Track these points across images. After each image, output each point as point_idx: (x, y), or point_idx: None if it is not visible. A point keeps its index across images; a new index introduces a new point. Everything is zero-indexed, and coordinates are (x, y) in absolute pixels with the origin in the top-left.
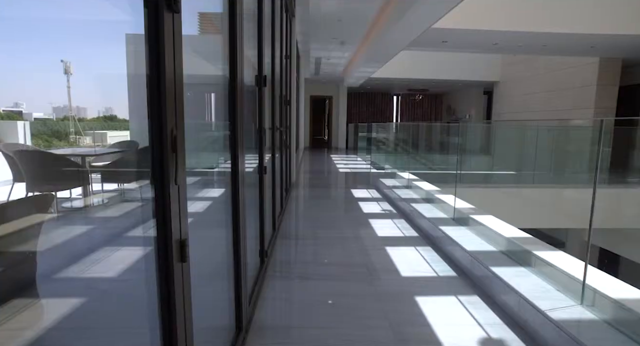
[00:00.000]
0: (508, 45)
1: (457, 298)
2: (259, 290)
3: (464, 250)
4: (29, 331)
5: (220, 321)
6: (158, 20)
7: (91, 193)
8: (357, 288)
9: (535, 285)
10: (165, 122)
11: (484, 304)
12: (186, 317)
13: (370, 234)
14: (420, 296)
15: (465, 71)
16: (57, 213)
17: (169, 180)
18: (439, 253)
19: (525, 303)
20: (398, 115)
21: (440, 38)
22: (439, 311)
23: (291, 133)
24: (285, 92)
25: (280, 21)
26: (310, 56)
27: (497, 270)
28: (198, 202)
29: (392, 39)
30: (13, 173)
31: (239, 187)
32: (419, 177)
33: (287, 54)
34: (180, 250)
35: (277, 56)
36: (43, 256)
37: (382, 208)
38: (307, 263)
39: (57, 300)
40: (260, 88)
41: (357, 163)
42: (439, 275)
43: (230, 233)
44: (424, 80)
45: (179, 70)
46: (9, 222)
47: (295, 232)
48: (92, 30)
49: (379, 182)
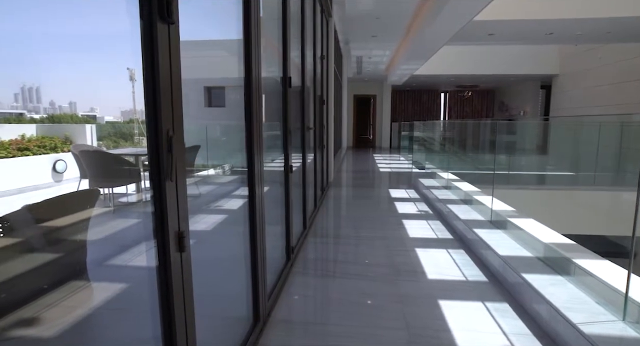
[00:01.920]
0: (565, 34)
1: (484, 304)
2: (282, 285)
3: (497, 254)
4: (80, 309)
5: (238, 311)
6: (152, 31)
7: (143, 190)
8: (380, 288)
9: (572, 296)
10: (161, 125)
11: (513, 312)
12: (186, 304)
13: (402, 235)
14: (443, 300)
15: (519, 64)
16: (113, 207)
17: (165, 178)
18: (471, 256)
19: (556, 314)
20: (446, 113)
21: (485, 31)
22: (461, 316)
23: (329, 132)
24: (322, 92)
25: (314, 21)
26: (351, 55)
27: (529, 277)
28: (234, 199)
29: (432, 34)
30: (80, 171)
31: (255, 185)
32: (461, 178)
33: (322, 54)
34: (178, 241)
35: (310, 56)
36: (93, 245)
37: (418, 208)
38: (333, 262)
39: (104, 284)
40: (285, 89)
41: (398, 162)
42: (468, 280)
43: (247, 230)
44: (474, 75)
45: (176, 77)
46: (64, 213)
47: (326, 230)
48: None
49: (418, 182)
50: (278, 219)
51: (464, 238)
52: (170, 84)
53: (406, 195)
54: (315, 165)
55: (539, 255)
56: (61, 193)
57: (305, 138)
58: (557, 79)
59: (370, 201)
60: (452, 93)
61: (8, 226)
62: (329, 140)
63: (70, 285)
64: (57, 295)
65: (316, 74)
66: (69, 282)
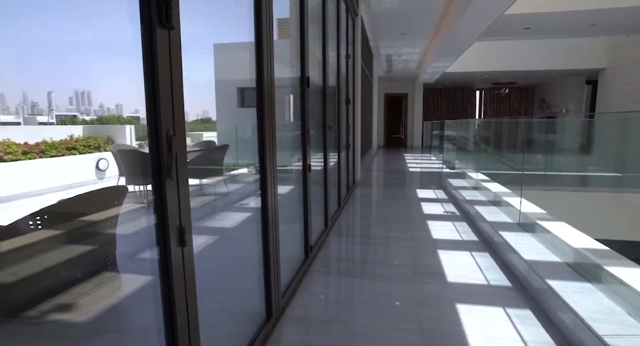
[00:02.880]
0: (610, 25)
1: (505, 310)
2: (299, 282)
3: (522, 258)
4: (110, 298)
5: (251, 307)
6: (151, 36)
7: None
8: (397, 289)
9: (600, 305)
10: (161, 125)
11: (536, 320)
12: (188, 297)
13: (425, 236)
14: (462, 304)
15: (561, 59)
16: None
17: (165, 175)
18: (496, 260)
19: (580, 323)
20: (481, 111)
21: (520, 25)
22: (479, 321)
23: (355, 132)
24: (347, 92)
25: (337, 20)
26: (381, 54)
27: (555, 283)
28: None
29: (462, 30)
30: (118, 169)
31: (267, 185)
32: (492, 178)
33: (347, 53)
34: (179, 236)
35: (333, 56)
36: (124, 238)
37: (445, 209)
38: (353, 261)
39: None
40: (303, 89)
41: (429, 162)
42: (490, 284)
43: (260, 228)
44: (511, 72)
45: (177, 80)
46: (94, 208)
47: (349, 230)
48: (184, 42)
49: (447, 183)
50: (296, 218)
51: (489, 241)
52: (171, 87)
53: (434, 196)
54: (339, 164)
55: (568, 261)
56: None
57: (327, 137)
58: (605, 73)
59: (396, 201)
60: (488, 90)
61: (46, 219)
62: (355, 139)
63: (102, 276)
64: (90, 285)
65: (340, 73)
66: (101, 273)
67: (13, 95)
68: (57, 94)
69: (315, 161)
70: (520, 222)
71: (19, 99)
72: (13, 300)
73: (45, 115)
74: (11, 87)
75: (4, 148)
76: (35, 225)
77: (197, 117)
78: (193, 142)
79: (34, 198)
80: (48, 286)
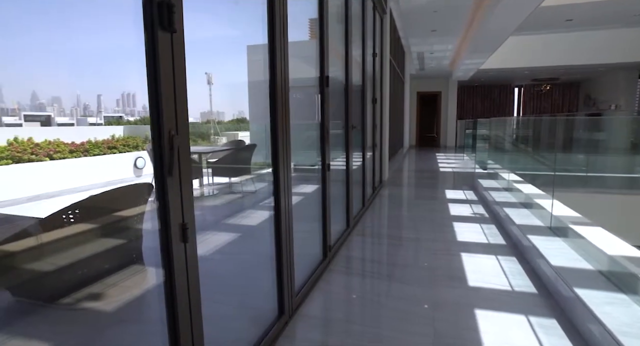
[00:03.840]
0: None
1: (528, 318)
2: (315, 281)
3: (549, 264)
4: (136, 289)
5: (264, 304)
6: (153, 39)
7: (202, 185)
8: (414, 291)
9: (634, 318)
10: (163, 125)
11: (561, 330)
12: (190, 291)
13: (450, 238)
14: (481, 310)
15: (609, 52)
16: None
17: (166, 173)
18: (523, 265)
19: (609, 336)
20: (520, 109)
21: (561, 16)
22: (499, 329)
23: (382, 131)
24: (374, 91)
25: (362, 18)
26: (412, 51)
27: (584, 292)
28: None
29: (495, 25)
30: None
31: (280, 183)
32: (526, 179)
33: (374, 51)
34: (182, 232)
35: (358, 54)
36: (151, 233)
37: (473, 211)
38: (372, 262)
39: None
40: (323, 88)
41: (462, 162)
42: (514, 290)
43: (273, 226)
44: (552, 67)
45: (180, 82)
46: (121, 204)
47: (371, 230)
48: (221, 44)
49: (478, 183)
50: (315, 217)
51: (518, 245)
52: (174, 88)
53: (463, 197)
54: (364, 163)
55: (601, 269)
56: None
57: (350, 137)
58: None
59: (423, 201)
60: (527, 87)
61: (78, 214)
62: (383, 139)
63: (129, 269)
64: (118, 277)
65: (366, 72)
66: (129, 266)
67: (69, 99)
68: (105, 97)
69: (338, 160)
70: (551, 226)
71: (73, 102)
72: (52, 287)
73: (95, 117)
74: (67, 91)
75: (53, 148)
76: (68, 219)
77: (233, 117)
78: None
79: (79, 194)
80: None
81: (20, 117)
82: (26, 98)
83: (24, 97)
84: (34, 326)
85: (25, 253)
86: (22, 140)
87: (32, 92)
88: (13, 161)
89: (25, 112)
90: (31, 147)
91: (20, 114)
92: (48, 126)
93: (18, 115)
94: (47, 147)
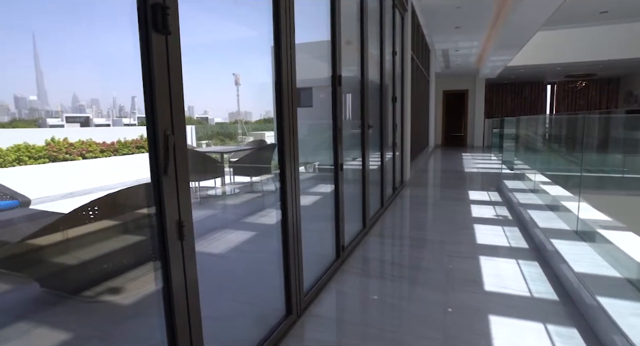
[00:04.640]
0: None
1: (545, 326)
2: (326, 281)
3: (572, 270)
4: (151, 285)
5: (272, 303)
6: (147, 41)
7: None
8: (427, 294)
9: None
10: (158, 126)
11: (581, 340)
12: (188, 289)
13: (469, 240)
14: (496, 316)
15: None
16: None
17: (162, 172)
18: (545, 270)
19: None
20: (553, 107)
21: (595, 8)
22: (512, 337)
23: (404, 131)
24: (394, 90)
25: (380, 16)
26: (436, 49)
27: (608, 301)
28: (308, 196)
29: (522, 19)
30: None
31: (286, 182)
32: (554, 180)
33: (394, 50)
34: (178, 230)
35: (376, 53)
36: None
37: (496, 213)
38: (387, 263)
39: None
40: (335, 87)
41: (488, 162)
42: (533, 296)
43: (280, 226)
44: (588, 62)
45: (176, 82)
46: (138, 202)
47: (389, 230)
48: (246, 44)
49: (503, 184)
50: (328, 216)
51: (541, 249)
52: (169, 89)
53: (487, 198)
54: (382, 163)
55: (630, 277)
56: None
57: (366, 136)
58: None
59: (445, 202)
60: (561, 84)
61: (97, 211)
62: (404, 138)
63: (148, 265)
64: (135, 272)
65: (384, 70)
66: (148, 262)
67: (106, 100)
68: (139, 98)
69: (354, 160)
70: (577, 230)
71: (109, 104)
72: (76, 280)
73: (129, 117)
74: (104, 93)
75: (86, 147)
76: (88, 216)
77: (260, 117)
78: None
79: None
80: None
81: (63, 119)
82: (67, 100)
83: (66, 100)
84: (57, 317)
85: (52, 248)
86: (58, 140)
87: (73, 94)
88: (49, 160)
89: (67, 114)
90: (66, 146)
91: (63, 116)
92: (87, 127)
93: (60, 117)
94: (80, 146)
